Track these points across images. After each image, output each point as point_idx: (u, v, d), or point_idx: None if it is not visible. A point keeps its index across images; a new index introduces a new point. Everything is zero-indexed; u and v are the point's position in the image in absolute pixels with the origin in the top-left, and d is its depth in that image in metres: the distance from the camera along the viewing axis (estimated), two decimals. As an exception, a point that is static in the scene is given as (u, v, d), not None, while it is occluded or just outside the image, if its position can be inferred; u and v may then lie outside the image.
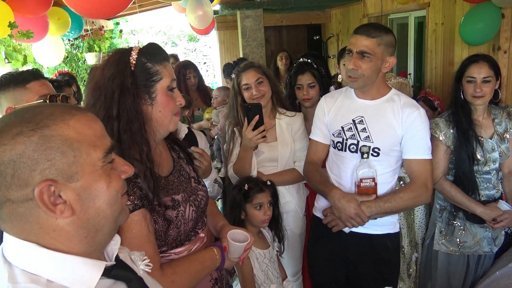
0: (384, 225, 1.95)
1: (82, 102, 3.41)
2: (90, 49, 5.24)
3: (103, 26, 5.68)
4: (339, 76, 3.06)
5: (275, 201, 2.05)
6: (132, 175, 0.84)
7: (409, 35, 5.11)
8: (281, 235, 2.10)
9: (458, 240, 2.34)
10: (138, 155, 1.23)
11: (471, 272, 2.42)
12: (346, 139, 1.93)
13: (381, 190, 1.90)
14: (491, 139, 2.25)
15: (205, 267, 1.36)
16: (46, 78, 1.76)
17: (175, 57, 5.88)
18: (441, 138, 2.26)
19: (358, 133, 1.90)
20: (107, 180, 0.76)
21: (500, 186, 2.33)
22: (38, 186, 0.68)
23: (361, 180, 1.85)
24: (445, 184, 2.28)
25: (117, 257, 0.84)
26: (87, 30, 5.16)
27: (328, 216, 1.96)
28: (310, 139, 2.14)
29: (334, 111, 1.99)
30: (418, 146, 1.86)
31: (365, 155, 1.84)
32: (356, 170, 1.87)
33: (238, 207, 1.99)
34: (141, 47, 1.29)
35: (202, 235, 1.46)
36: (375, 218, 1.88)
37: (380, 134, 1.87)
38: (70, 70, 5.30)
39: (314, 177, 2.01)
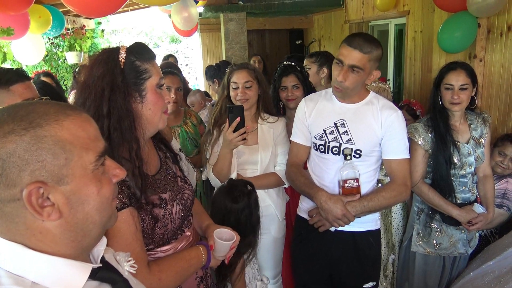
0: (366, 222, 2.01)
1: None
2: (71, 48, 5.16)
3: (84, 25, 5.61)
4: (322, 81, 3.11)
5: (255, 209, 1.93)
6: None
7: (389, 42, 5.21)
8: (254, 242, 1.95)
9: (434, 241, 2.40)
10: (127, 153, 1.24)
11: (446, 272, 2.48)
12: (329, 142, 1.96)
13: (364, 188, 1.96)
14: (467, 143, 2.32)
15: (191, 265, 1.37)
16: (30, 79, 1.72)
17: (174, 58, 5.76)
18: (419, 142, 2.32)
19: (340, 136, 1.94)
20: (98, 185, 0.75)
21: (475, 189, 2.41)
22: (27, 187, 0.66)
23: (345, 181, 1.90)
24: (423, 187, 2.35)
25: (102, 258, 0.83)
26: (68, 29, 5.10)
27: (314, 217, 1.99)
28: (291, 141, 2.15)
29: (315, 114, 2.02)
30: (397, 147, 1.93)
31: (348, 157, 1.88)
32: (340, 172, 1.91)
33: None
34: (128, 46, 1.29)
35: (188, 233, 1.47)
36: (359, 217, 1.93)
37: (361, 136, 1.92)
38: (49, 69, 5.21)
39: (298, 179, 2.03)
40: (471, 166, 2.32)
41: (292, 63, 2.68)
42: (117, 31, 10.56)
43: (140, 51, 1.28)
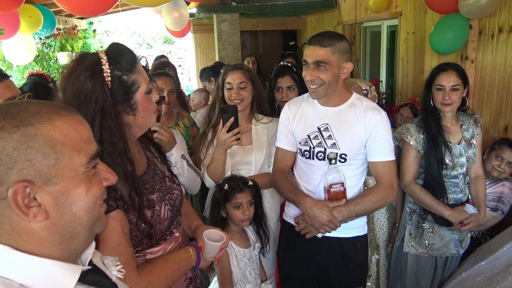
0: (353, 228, 1.99)
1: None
2: (63, 48, 5.12)
3: (76, 26, 5.57)
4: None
5: (258, 200, 2.06)
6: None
7: (381, 43, 5.23)
8: (264, 235, 2.11)
9: (426, 242, 2.41)
10: (119, 160, 1.22)
11: (438, 273, 2.49)
12: (313, 147, 1.93)
13: (350, 192, 1.93)
14: (459, 144, 2.33)
15: (180, 267, 1.36)
16: (9, 77, 1.69)
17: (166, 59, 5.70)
18: (411, 143, 2.33)
19: (325, 141, 1.91)
20: (87, 185, 0.73)
21: (467, 190, 2.42)
22: (13, 186, 0.65)
23: (330, 185, 1.87)
24: (415, 188, 2.35)
25: (90, 262, 0.81)
26: (59, 29, 5.05)
27: (300, 224, 1.96)
28: (276, 147, 2.10)
29: (298, 118, 1.98)
30: (382, 149, 1.90)
31: (333, 161, 1.86)
32: (325, 176, 1.89)
33: (218, 206, 2.01)
34: (105, 52, 1.22)
35: (177, 234, 1.46)
36: (346, 222, 1.90)
37: (345, 140, 1.89)
38: (41, 69, 5.16)
39: (283, 185, 1.99)
40: (463, 167, 2.33)
41: (289, 64, 2.68)
42: (109, 32, 10.51)
43: (121, 59, 1.21)
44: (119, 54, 1.23)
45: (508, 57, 2.93)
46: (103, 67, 1.19)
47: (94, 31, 6.14)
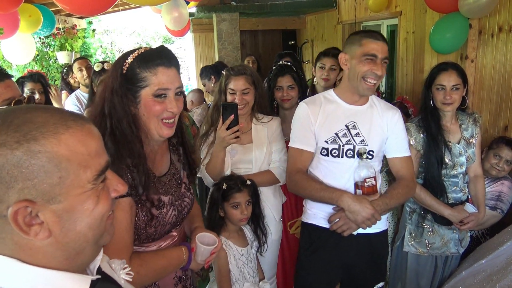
0: (381, 223, 1.98)
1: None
2: (62, 47, 5.13)
3: (75, 25, 5.57)
4: (315, 79, 3.12)
5: (256, 200, 2.07)
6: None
7: (381, 43, 5.23)
8: (261, 234, 2.12)
9: (426, 241, 2.41)
10: (131, 150, 1.28)
11: (438, 272, 2.50)
12: (343, 145, 1.92)
13: None
14: (458, 144, 2.33)
15: (171, 264, 1.39)
16: (12, 76, 1.69)
17: None
18: (411, 143, 2.33)
19: (353, 138, 1.92)
20: (95, 201, 0.69)
21: (467, 189, 2.42)
22: (13, 206, 0.61)
23: (365, 180, 1.88)
24: (416, 187, 2.35)
25: (99, 269, 0.79)
26: (59, 29, 5.06)
27: (337, 222, 1.90)
28: (293, 148, 2.02)
29: (322, 118, 1.95)
30: (403, 145, 2.01)
31: (364, 155, 1.88)
32: (357, 172, 1.90)
33: (216, 205, 2.01)
34: (144, 50, 1.32)
35: (174, 233, 1.48)
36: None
37: (372, 137, 1.93)
38: (40, 69, 5.17)
39: (311, 185, 1.91)
40: (462, 166, 2.33)
41: (288, 63, 2.69)
42: (108, 31, 10.50)
43: (147, 58, 1.28)
44: (151, 54, 1.30)
45: (508, 57, 2.94)
46: (130, 56, 1.29)
47: (94, 30, 6.14)
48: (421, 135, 2.33)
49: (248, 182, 2.04)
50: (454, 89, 2.24)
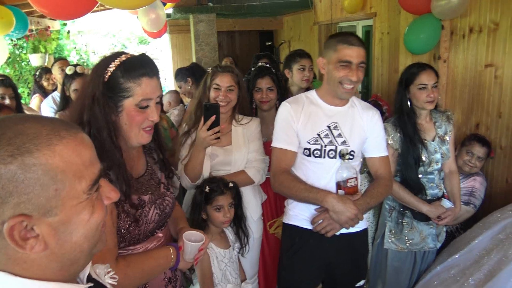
0: (361, 222, 1.98)
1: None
2: (35, 50, 5.01)
3: (49, 27, 5.45)
4: (289, 81, 3.15)
5: (238, 202, 2.08)
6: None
7: (357, 43, 5.30)
8: (243, 235, 2.13)
9: (406, 238, 2.47)
10: (111, 160, 1.27)
11: (417, 267, 2.56)
12: (325, 146, 1.93)
13: None
14: (433, 141, 2.40)
15: (159, 264, 1.39)
16: None
17: None
18: (389, 142, 2.37)
19: (335, 139, 1.94)
20: (90, 211, 0.68)
21: (442, 185, 2.49)
22: (8, 221, 0.60)
23: (347, 180, 1.89)
24: (394, 185, 2.39)
25: (89, 276, 0.79)
26: (32, 30, 4.94)
27: (321, 223, 1.90)
28: (277, 148, 2.00)
29: (305, 118, 1.95)
30: (381, 145, 2.04)
31: (347, 156, 1.90)
32: (340, 172, 1.91)
33: (199, 207, 2.01)
34: (126, 58, 1.29)
35: (160, 235, 1.48)
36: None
37: (354, 137, 1.95)
38: (13, 72, 5.04)
39: (295, 186, 1.91)
40: (438, 163, 2.40)
41: (267, 65, 2.71)
42: (83, 32, 10.30)
43: (131, 67, 1.27)
44: (134, 63, 1.28)
45: (479, 57, 3.03)
46: (112, 64, 1.27)
47: (68, 32, 6.02)
48: (398, 134, 2.38)
49: (231, 185, 2.04)
50: (434, 87, 2.32)
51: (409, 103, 2.37)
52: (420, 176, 2.39)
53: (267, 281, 2.68)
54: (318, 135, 1.94)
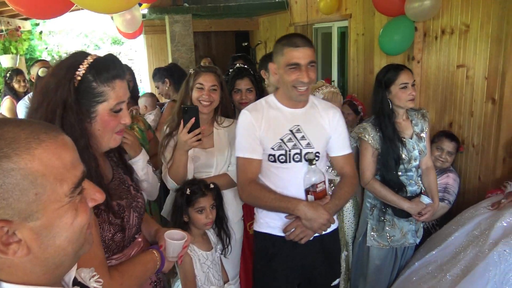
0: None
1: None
2: (6, 51, 4.86)
3: (19, 27, 5.31)
4: (266, 81, 3.16)
5: (219, 203, 2.07)
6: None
7: (332, 44, 5.37)
8: (225, 236, 2.13)
9: (387, 235, 2.52)
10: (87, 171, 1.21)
11: (397, 263, 2.62)
12: (289, 150, 1.90)
13: None
14: (411, 139, 2.46)
15: (148, 268, 1.38)
16: None
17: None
18: (369, 142, 2.42)
19: (299, 142, 1.91)
20: (73, 214, 0.67)
21: (420, 182, 2.56)
22: None
23: (316, 185, 1.87)
24: (376, 184, 2.45)
25: (75, 279, 0.79)
26: (1, 31, 4.80)
27: (294, 231, 1.88)
28: (241, 157, 1.96)
29: (266, 124, 1.92)
30: (345, 143, 2.03)
31: (314, 161, 1.87)
32: (307, 177, 1.89)
33: (180, 210, 1.99)
34: (94, 59, 1.21)
35: (139, 239, 1.47)
36: None
37: (317, 138, 1.94)
38: (-18, 73, 4.88)
39: (265, 196, 1.89)
40: (416, 160, 2.47)
41: (246, 66, 2.71)
42: (54, 33, 10.07)
43: (102, 69, 1.20)
44: (105, 64, 1.21)
45: (451, 58, 3.12)
46: (80, 67, 1.18)
47: (41, 33, 5.88)
48: (378, 134, 2.43)
49: (212, 186, 2.04)
50: (413, 86, 2.38)
51: (390, 103, 2.41)
52: (400, 173, 2.44)
53: (247, 281, 2.69)
54: (282, 140, 1.91)
